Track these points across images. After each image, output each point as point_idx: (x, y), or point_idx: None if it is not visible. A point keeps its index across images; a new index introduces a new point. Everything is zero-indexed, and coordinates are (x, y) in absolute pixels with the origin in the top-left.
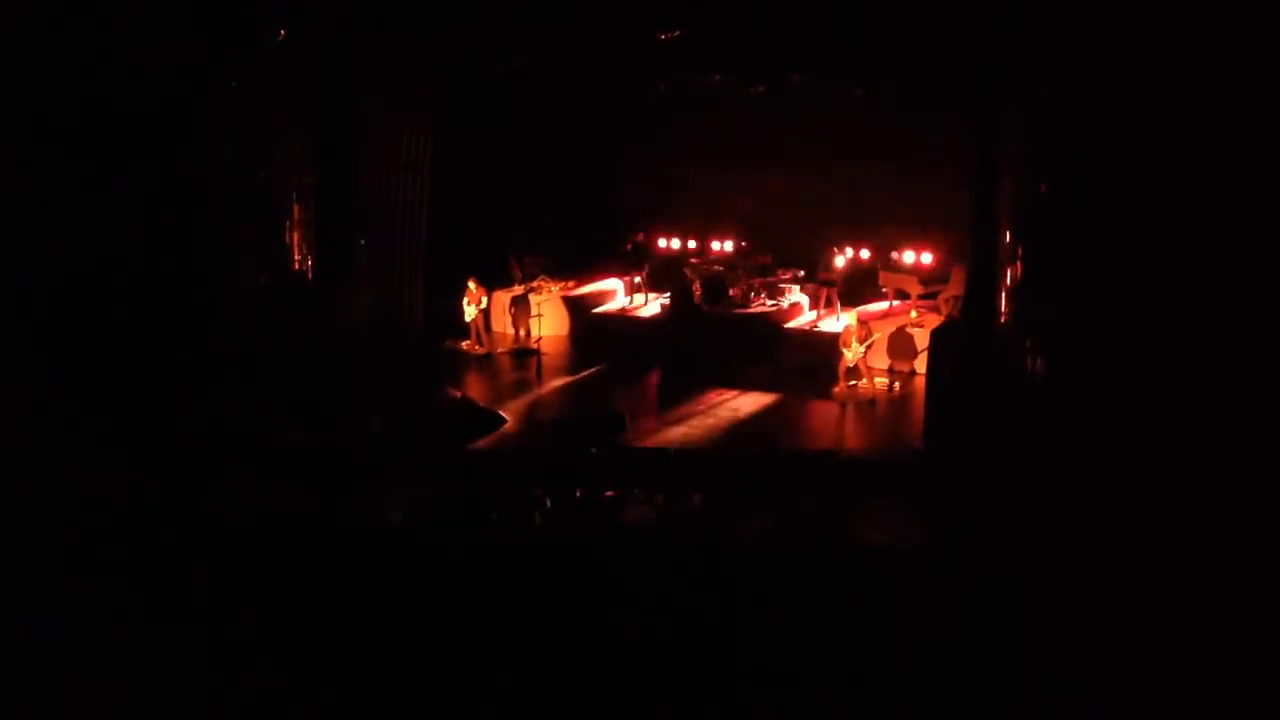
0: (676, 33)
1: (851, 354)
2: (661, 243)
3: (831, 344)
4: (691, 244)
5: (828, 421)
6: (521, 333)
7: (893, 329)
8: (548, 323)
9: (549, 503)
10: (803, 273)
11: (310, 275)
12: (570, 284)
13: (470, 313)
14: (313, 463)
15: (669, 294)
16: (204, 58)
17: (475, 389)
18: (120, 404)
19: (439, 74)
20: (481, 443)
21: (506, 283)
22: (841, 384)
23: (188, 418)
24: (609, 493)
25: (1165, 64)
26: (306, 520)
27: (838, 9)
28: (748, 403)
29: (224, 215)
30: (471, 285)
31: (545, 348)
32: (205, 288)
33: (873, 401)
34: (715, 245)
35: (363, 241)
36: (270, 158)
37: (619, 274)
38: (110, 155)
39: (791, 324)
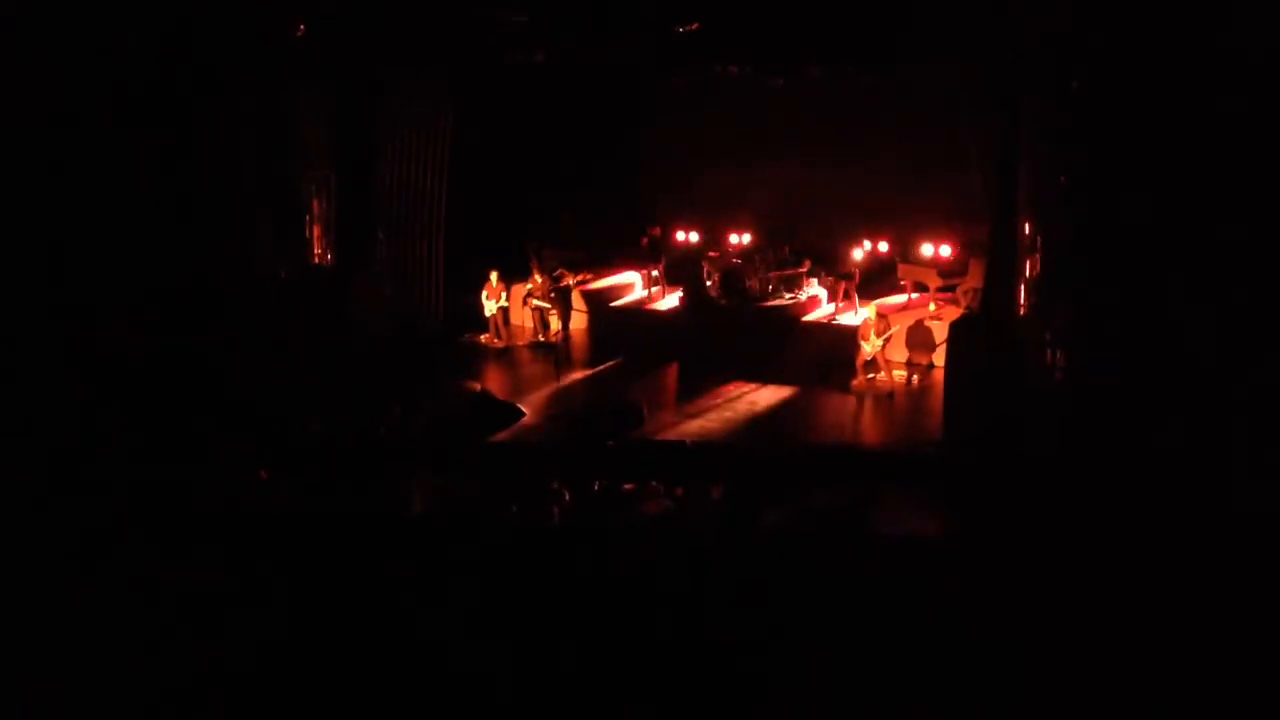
0: (694, 25)
1: (870, 347)
2: (679, 235)
3: (849, 337)
4: (709, 237)
5: (846, 415)
6: (539, 326)
7: (911, 322)
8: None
9: (567, 495)
10: (820, 266)
11: (330, 268)
12: (588, 277)
13: (490, 307)
14: (332, 454)
15: (684, 287)
16: (222, 53)
17: (494, 382)
18: (140, 396)
19: (457, 68)
20: (500, 436)
21: (525, 276)
22: (860, 377)
23: (208, 409)
24: (627, 486)
25: (1186, 59)
26: (326, 510)
27: (855, 1)
28: (766, 396)
29: (244, 209)
30: (492, 278)
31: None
32: (226, 281)
33: (891, 395)
34: (733, 238)
35: (382, 235)
36: (290, 152)
37: (637, 267)
38: (129, 150)
39: (809, 317)
